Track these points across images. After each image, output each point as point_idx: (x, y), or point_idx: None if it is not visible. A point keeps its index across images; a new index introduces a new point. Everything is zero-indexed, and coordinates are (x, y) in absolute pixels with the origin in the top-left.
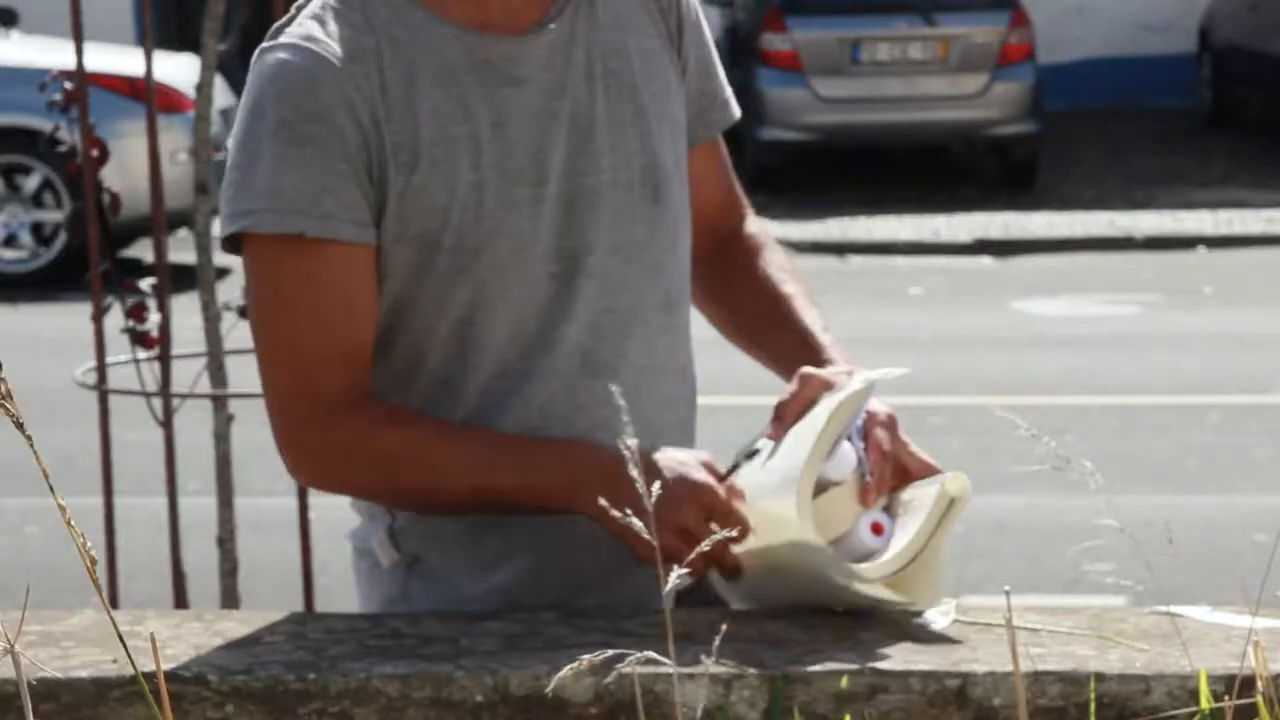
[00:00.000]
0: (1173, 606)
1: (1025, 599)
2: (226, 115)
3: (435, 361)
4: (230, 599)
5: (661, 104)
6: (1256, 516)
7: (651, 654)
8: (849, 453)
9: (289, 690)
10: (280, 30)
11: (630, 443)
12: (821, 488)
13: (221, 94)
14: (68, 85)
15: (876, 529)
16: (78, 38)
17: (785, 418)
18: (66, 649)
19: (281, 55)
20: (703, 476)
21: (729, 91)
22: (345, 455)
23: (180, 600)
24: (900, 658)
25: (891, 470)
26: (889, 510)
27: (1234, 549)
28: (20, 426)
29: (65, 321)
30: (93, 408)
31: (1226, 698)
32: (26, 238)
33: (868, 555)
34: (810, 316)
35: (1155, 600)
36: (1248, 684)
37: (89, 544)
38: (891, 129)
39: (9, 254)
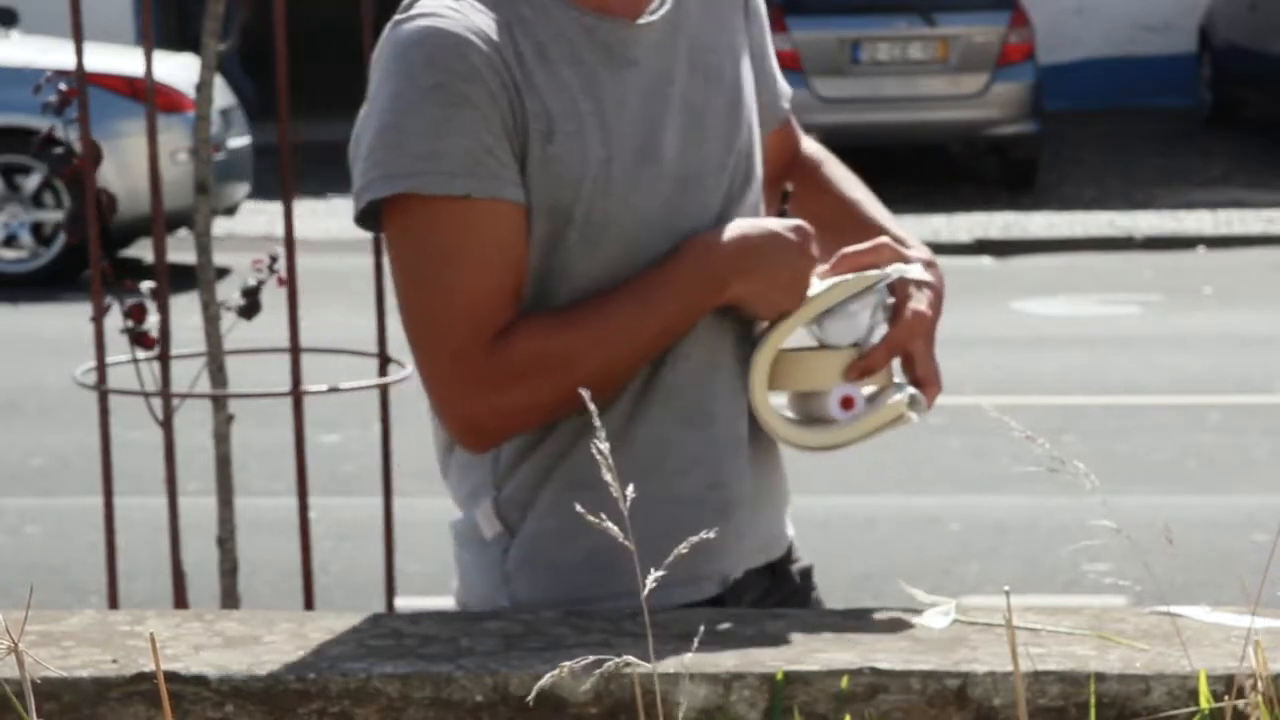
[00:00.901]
0: (1172, 606)
1: (1025, 599)
2: (226, 115)
3: None
4: (230, 599)
5: (747, 92)
6: (1256, 516)
7: (631, 658)
8: (858, 325)
9: (289, 690)
10: (410, 5)
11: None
12: (821, 344)
13: (221, 94)
14: (63, 86)
15: (846, 403)
16: (78, 38)
17: (838, 266)
18: (67, 649)
19: (423, 23)
20: (800, 224)
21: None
22: (520, 374)
23: (180, 600)
24: (900, 658)
25: (894, 359)
26: (881, 393)
27: (1234, 549)
28: None
29: (65, 321)
30: (92, 408)
31: (1226, 698)
32: (26, 238)
33: (823, 420)
34: (883, 215)
35: (1155, 600)
36: (1248, 684)
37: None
38: (891, 129)
39: (9, 254)
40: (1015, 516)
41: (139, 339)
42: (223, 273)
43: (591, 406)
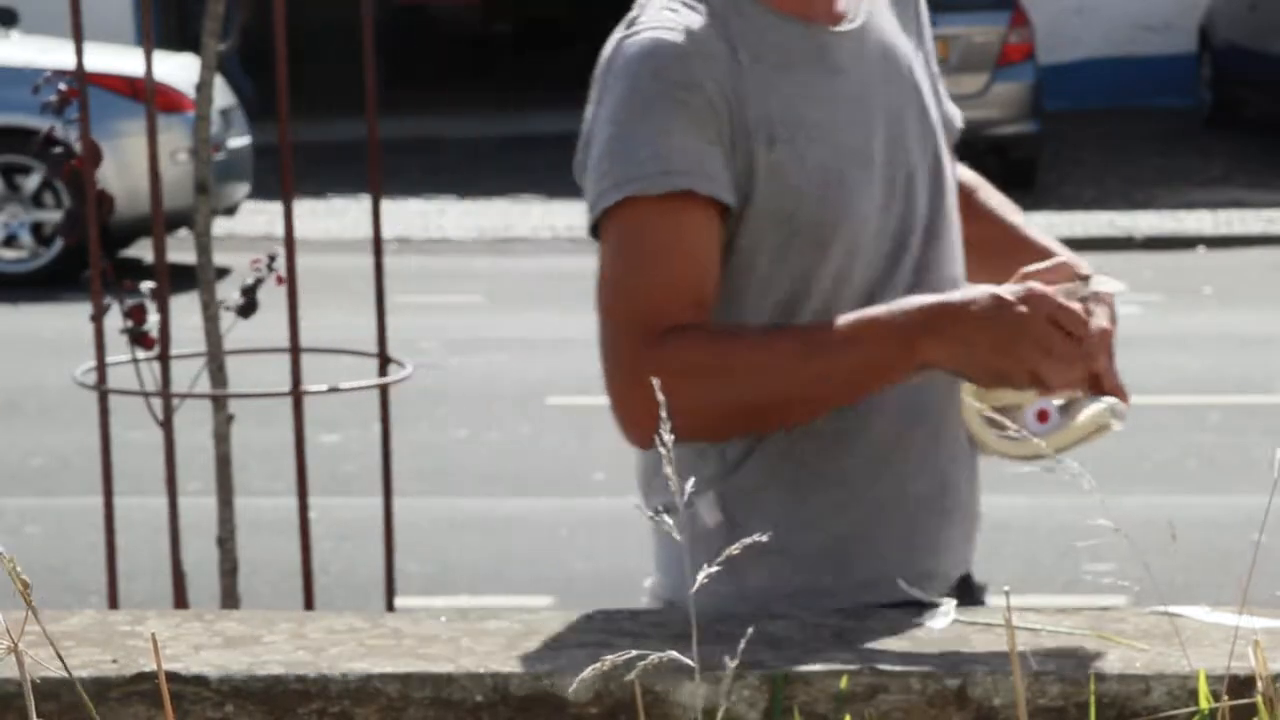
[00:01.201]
0: (1172, 606)
1: (1025, 599)
2: (226, 115)
3: None
4: (230, 599)
5: (930, 102)
6: (1256, 516)
7: (675, 654)
8: None
9: (289, 690)
10: (634, 20)
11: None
12: None
13: (221, 94)
14: (63, 86)
15: (1042, 416)
16: (78, 38)
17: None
18: (67, 649)
19: (648, 35)
20: (1033, 288)
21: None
22: (676, 374)
23: (180, 600)
24: (900, 658)
25: (1083, 376)
26: (1071, 405)
27: (1234, 549)
28: None
29: (65, 321)
30: (92, 408)
31: (1226, 698)
32: (26, 238)
33: (1019, 434)
34: (1046, 239)
35: (1155, 600)
36: (1248, 684)
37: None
38: None
39: (9, 254)
40: (1015, 516)
41: (139, 339)
42: (223, 273)
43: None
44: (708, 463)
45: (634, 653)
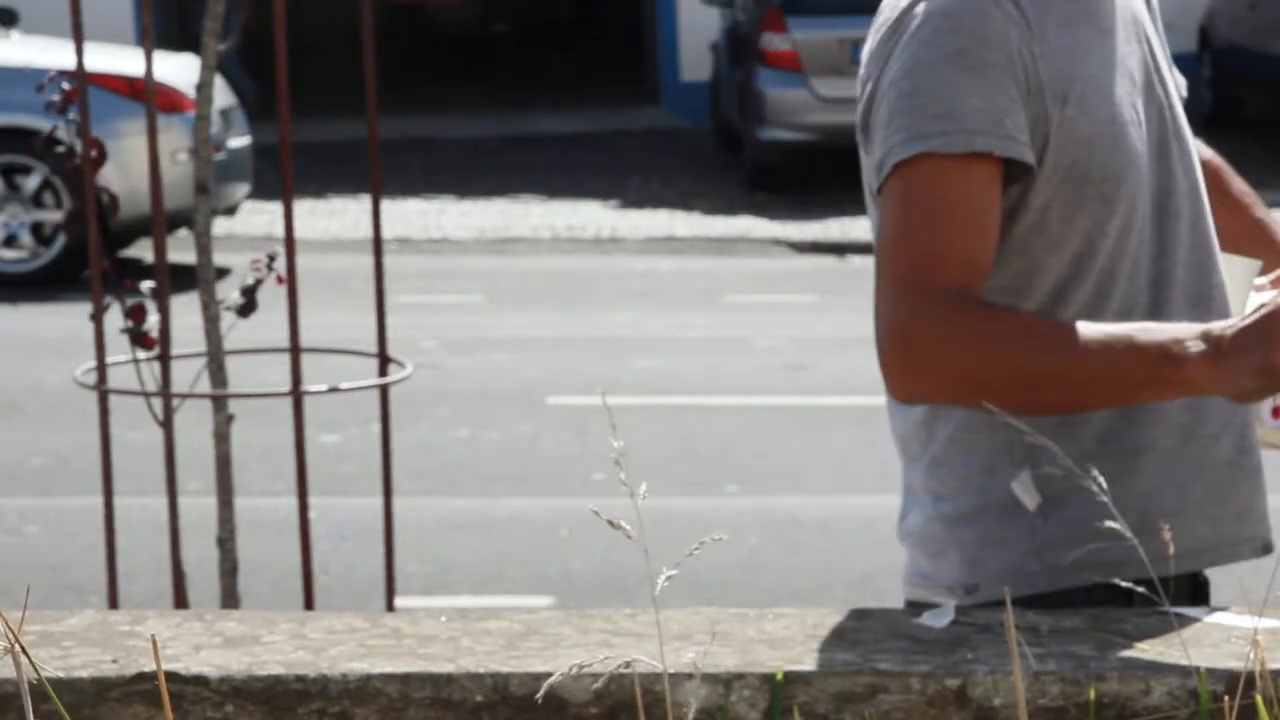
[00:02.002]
0: (1172, 607)
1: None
2: (226, 115)
3: (1071, 293)
4: (230, 599)
5: (1166, 62)
6: None
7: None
8: None
9: (289, 690)
10: None
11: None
12: None
13: (221, 94)
14: (65, 86)
15: (1277, 412)
16: (78, 38)
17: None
18: (67, 649)
19: None
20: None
21: None
22: (952, 340)
23: (180, 600)
24: (900, 658)
25: None
26: None
27: None
28: None
29: (65, 321)
30: (93, 408)
31: (1226, 698)
32: (26, 238)
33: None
34: None
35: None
36: (1248, 684)
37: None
38: None
39: (9, 254)
40: None
41: (139, 339)
42: (223, 273)
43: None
44: (999, 446)
45: (634, 654)
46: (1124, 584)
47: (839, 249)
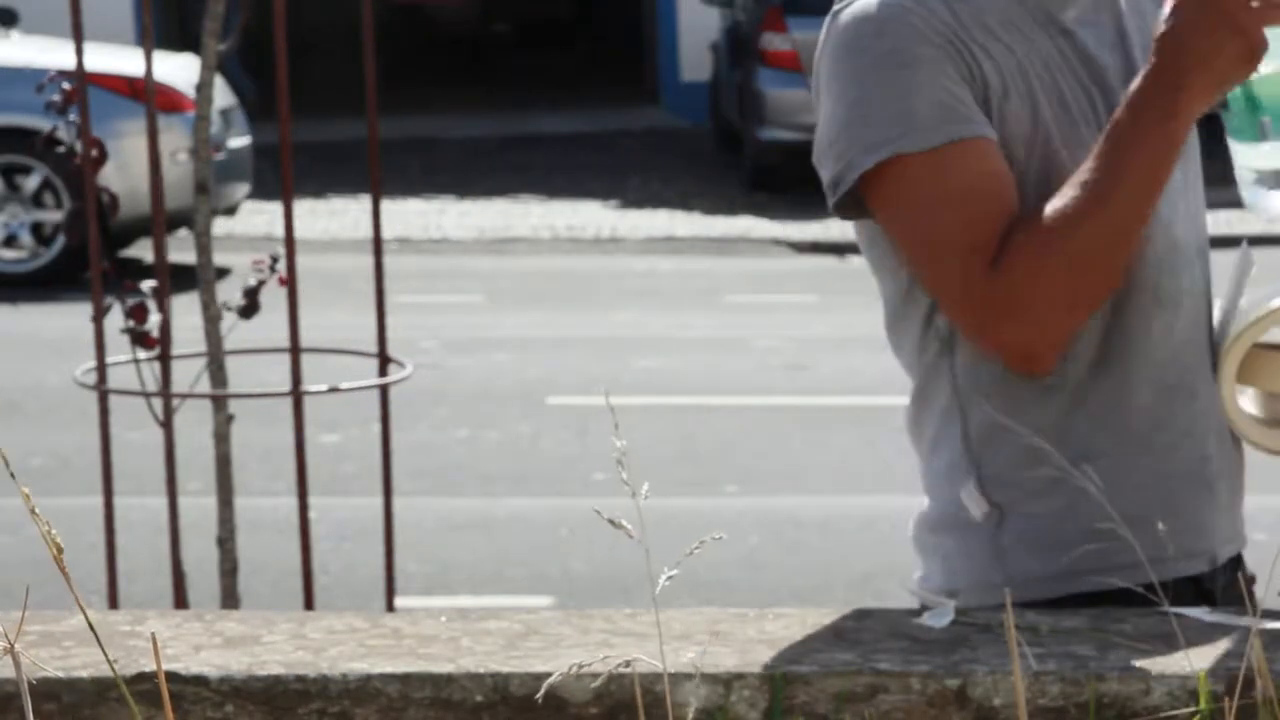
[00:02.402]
0: (1172, 607)
1: None
2: (226, 115)
3: None
4: (230, 599)
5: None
6: (1256, 517)
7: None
8: None
9: (289, 690)
10: None
11: None
12: None
13: (221, 94)
14: (65, 86)
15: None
16: (78, 38)
17: None
18: (67, 649)
19: (862, 2)
20: None
21: None
22: (1027, 280)
23: (180, 600)
24: (900, 658)
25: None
26: None
27: None
28: None
29: (65, 321)
30: (93, 408)
31: (1226, 698)
32: (26, 238)
33: None
34: None
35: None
36: (1248, 684)
37: (55, 532)
38: None
39: (9, 254)
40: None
41: (140, 339)
42: (223, 273)
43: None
44: (952, 451)
45: (634, 654)
46: (1091, 592)
47: (839, 249)
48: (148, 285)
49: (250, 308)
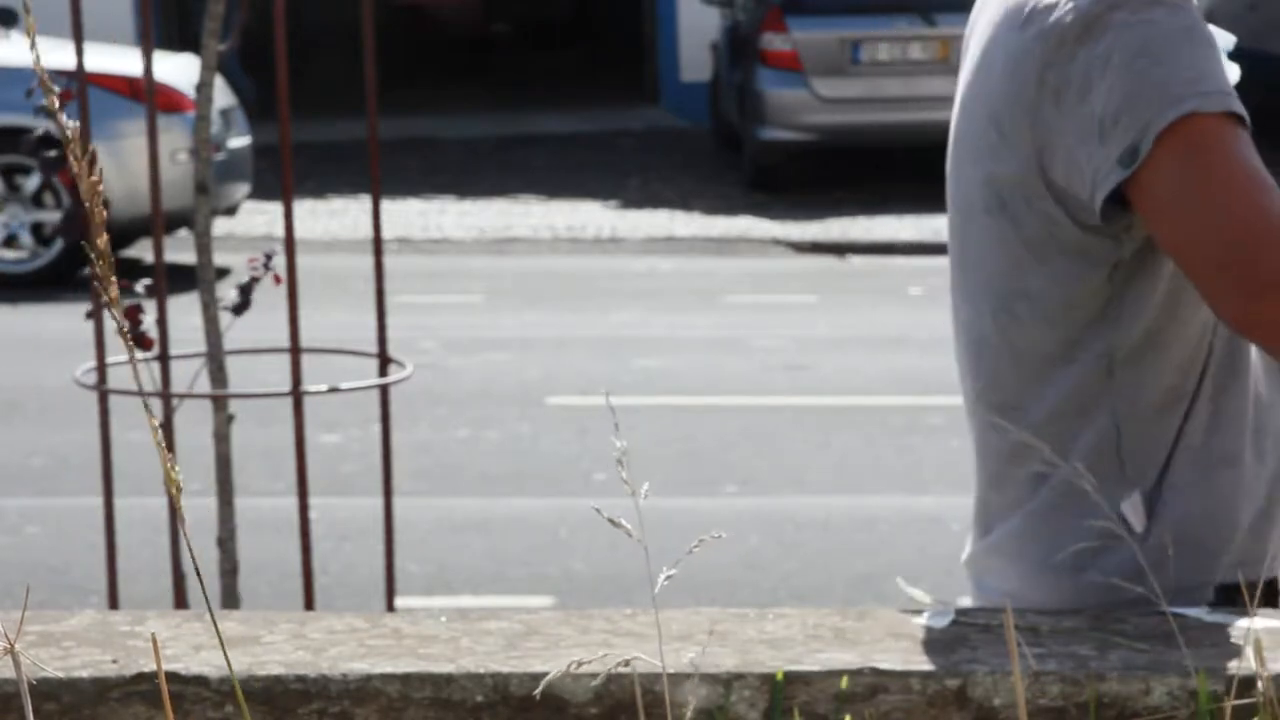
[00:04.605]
0: (1172, 607)
1: None
2: (226, 115)
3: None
4: (230, 599)
5: None
6: None
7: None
8: None
9: (289, 690)
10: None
11: None
12: None
13: (221, 94)
14: (56, 89)
15: None
16: (78, 38)
17: None
18: (67, 649)
19: None
20: None
21: None
22: None
23: (180, 600)
24: (900, 658)
25: None
26: None
27: None
28: None
29: (65, 321)
30: (92, 408)
31: (1226, 698)
32: (26, 238)
33: None
34: None
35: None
36: (1248, 684)
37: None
38: (891, 129)
39: (9, 254)
40: None
41: (136, 339)
42: (223, 273)
43: None
44: (1125, 466)
45: (634, 654)
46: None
47: (839, 249)
48: (142, 284)
49: (243, 305)
